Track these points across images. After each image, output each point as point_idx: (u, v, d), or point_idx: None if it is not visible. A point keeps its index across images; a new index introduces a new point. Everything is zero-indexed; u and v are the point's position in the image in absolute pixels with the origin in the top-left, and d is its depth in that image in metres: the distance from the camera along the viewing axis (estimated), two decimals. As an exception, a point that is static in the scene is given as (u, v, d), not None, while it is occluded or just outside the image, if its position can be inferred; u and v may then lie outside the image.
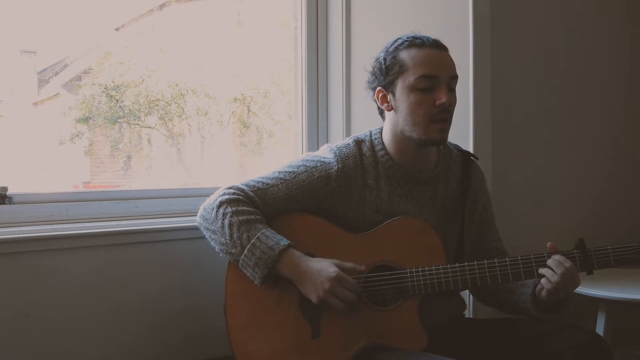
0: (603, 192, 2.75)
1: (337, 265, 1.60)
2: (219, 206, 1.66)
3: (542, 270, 1.58)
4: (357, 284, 1.60)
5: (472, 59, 2.18)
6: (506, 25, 2.34)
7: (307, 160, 1.75)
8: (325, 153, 1.76)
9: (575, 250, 1.60)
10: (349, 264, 1.61)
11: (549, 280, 1.56)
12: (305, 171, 1.71)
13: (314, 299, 1.59)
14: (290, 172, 1.72)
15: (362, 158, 1.75)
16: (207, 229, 1.69)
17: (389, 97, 1.71)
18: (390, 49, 1.70)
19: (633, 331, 2.78)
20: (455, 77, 1.68)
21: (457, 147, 1.87)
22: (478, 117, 2.20)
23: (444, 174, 1.79)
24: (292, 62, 2.55)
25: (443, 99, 1.62)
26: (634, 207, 2.84)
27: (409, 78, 1.64)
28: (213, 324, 1.90)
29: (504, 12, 2.32)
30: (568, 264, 1.56)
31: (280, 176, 1.72)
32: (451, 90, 1.67)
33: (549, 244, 1.61)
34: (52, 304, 1.80)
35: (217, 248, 1.68)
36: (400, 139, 1.72)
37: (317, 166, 1.72)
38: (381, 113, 1.78)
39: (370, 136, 1.79)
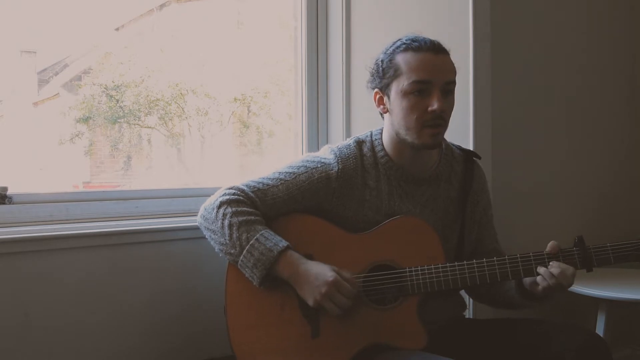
0: (603, 192, 2.74)
1: (335, 271, 1.59)
2: (220, 206, 1.66)
3: (540, 270, 1.58)
4: (355, 285, 1.60)
5: (472, 59, 2.18)
6: (506, 26, 2.34)
7: (307, 160, 1.75)
8: (326, 154, 1.76)
9: (574, 248, 1.60)
10: (347, 274, 1.60)
11: (545, 279, 1.57)
12: (306, 172, 1.71)
13: (310, 302, 1.59)
14: (290, 172, 1.72)
15: (362, 159, 1.75)
16: (208, 228, 1.69)
17: (385, 99, 1.71)
18: (389, 51, 1.70)
19: (633, 331, 2.78)
20: (451, 82, 1.66)
21: (459, 147, 1.86)
22: (478, 117, 2.20)
23: (445, 174, 1.79)
24: (292, 62, 2.55)
25: (435, 105, 1.61)
26: (634, 207, 2.84)
27: (403, 82, 1.64)
28: (213, 324, 1.90)
29: (504, 12, 2.32)
30: (568, 271, 1.56)
31: (281, 177, 1.72)
32: (447, 96, 1.65)
33: (549, 247, 1.61)
34: (51, 304, 1.80)
35: (216, 248, 1.68)
36: (397, 141, 1.72)
37: (317, 167, 1.72)
38: (381, 114, 1.79)
39: (371, 137, 1.79)
